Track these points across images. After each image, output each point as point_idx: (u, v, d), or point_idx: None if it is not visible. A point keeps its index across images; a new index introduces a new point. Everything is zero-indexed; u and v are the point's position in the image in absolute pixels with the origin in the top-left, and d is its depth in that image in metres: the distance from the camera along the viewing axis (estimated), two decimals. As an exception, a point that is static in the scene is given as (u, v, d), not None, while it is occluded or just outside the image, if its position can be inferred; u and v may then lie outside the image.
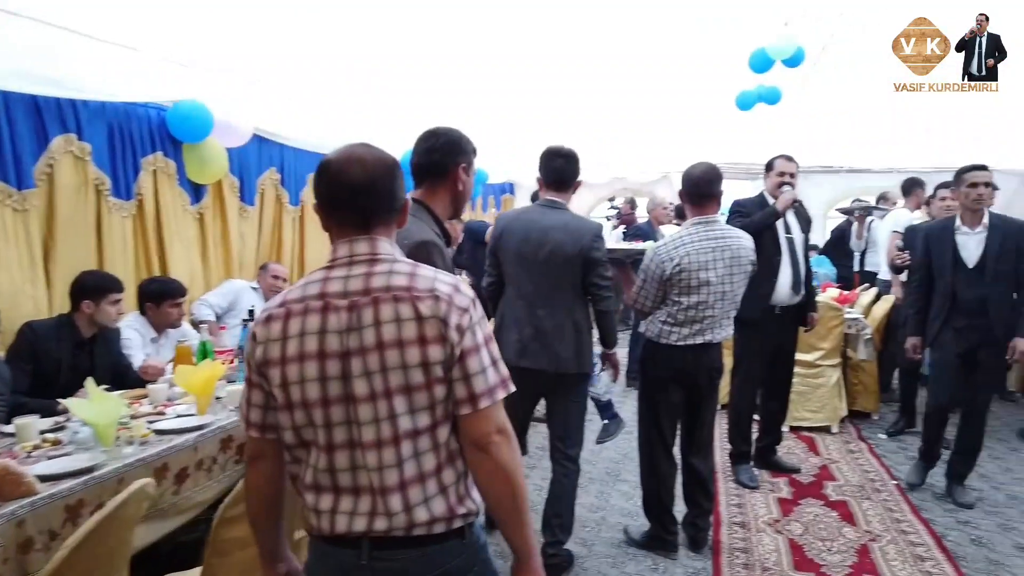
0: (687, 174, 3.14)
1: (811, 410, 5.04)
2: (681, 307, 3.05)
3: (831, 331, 4.98)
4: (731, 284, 3.09)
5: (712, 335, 3.12)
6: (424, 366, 1.29)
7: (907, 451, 4.66)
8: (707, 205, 3.10)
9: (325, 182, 1.39)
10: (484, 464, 1.34)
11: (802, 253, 4.15)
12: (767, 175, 4.20)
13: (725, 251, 3.07)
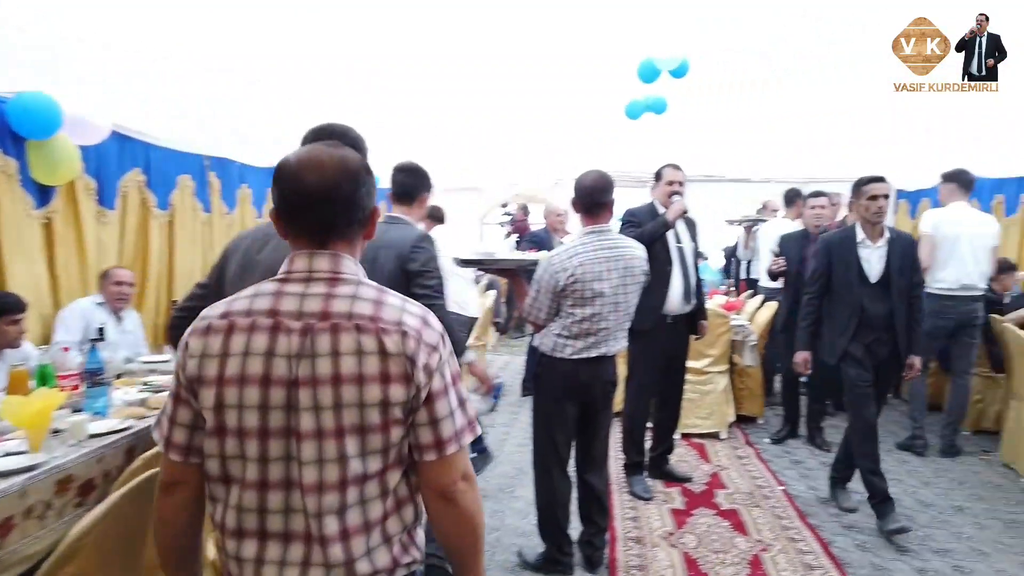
0: (578, 183, 3.05)
1: (701, 417, 5.10)
2: (575, 319, 2.95)
3: (719, 338, 5.06)
4: (625, 295, 3.02)
5: (607, 348, 3.04)
6: (383, 406, 1.18)
7: (791, 455, 4.79)
8: (599, 214, 3.02)
9: (280, 187, 1.25)
10: (449, 514, 1.27)
11: (692, 262, 4.17)
12: (656, 184, 4.20)
13: (619, 261, 2.99)
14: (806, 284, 4.00)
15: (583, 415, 3.11)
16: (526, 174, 11.74)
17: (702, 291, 4.36)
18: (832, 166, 10.05)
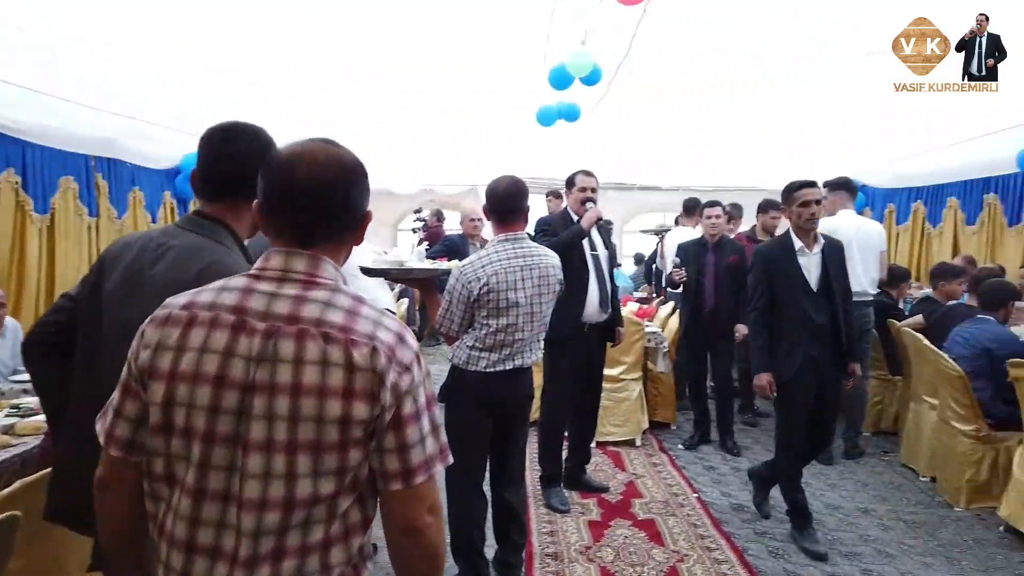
0: (491, 189, 2.93)
1: (616, 424, 5.08)
2: (490, 330, 2.83)
3: (633, 345, 5.05)
4: (540, 305, 2.92)
5: (523, 359, 2.92)
6: (343, 423, 1.08)
7: (704, 461, 4.83)
8: (513, 221, 2.91)
9: (268, 180, 1.19)
10: (413, 549, 1.17)
11: (607, 270, 4.13)
12: (569, 191, 4.14)
13: (533, 270, 2.89)
14: (749, 300, 3.66)
15: (498, 430, 2.99)
16: (441, 180, 11.57)
17: (617, 299, 4.33)
18: (743, 174, 10.37)
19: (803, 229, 3.49)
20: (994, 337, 4.05)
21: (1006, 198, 6.44)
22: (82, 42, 4.27)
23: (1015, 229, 6.28)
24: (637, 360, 5.12)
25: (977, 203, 6.82)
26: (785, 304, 3.49)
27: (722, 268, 4.99)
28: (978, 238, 6.81)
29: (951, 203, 7.21)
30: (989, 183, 6.66)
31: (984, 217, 6.72)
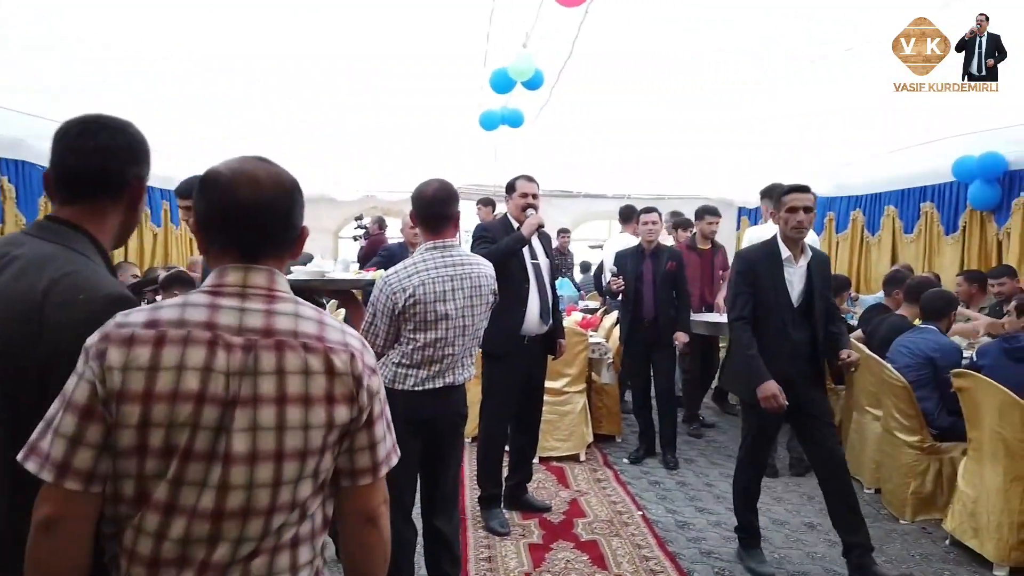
0: (418, 193, 2.72)
1: (559, 439, 4.90)
2: (417, 345, 2.61)
3: (576, 356, 4.89)
4: (472, 317, 2.71)
5: (454, 376, 2.71)
6: (327, 428, 1.15)
7: (649, 475, 4.68)
8: (443, 228, 2.70)
9: (209, 199, 1.20)
10: (370, 538, 1.26)
11: (548, 279, 3.95)
12: (509, 197, 3.95)
13: (465, 280, 2.68)
14: (731, 308, 3.34)
15: (428, 453, 2.77)
16: (382, 187, 11.28)
17: (559, 309, 4.16)
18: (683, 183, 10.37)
19: (790, 238, 3.23)
20: (937, 347, 4.01)
21: (942, 207, 6.52)
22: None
23: (951, 238, 6.36)
24: (581, 372, 4.96)
25: (914, 212, 6.91)
26: (763, 317, 3.23)
27: (660, 276, 4.87)
28: (915, 246, 6.89)
29: (889, 211, 7.30)
30: (926, 192, 6.75)
31: (921, 226, 6.80)
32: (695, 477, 4.65)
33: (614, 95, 7.23)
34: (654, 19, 5.32)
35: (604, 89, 7.18)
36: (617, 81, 6.84)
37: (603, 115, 8.10)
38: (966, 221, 6.18)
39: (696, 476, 4.67)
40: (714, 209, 5.92)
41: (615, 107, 7.69)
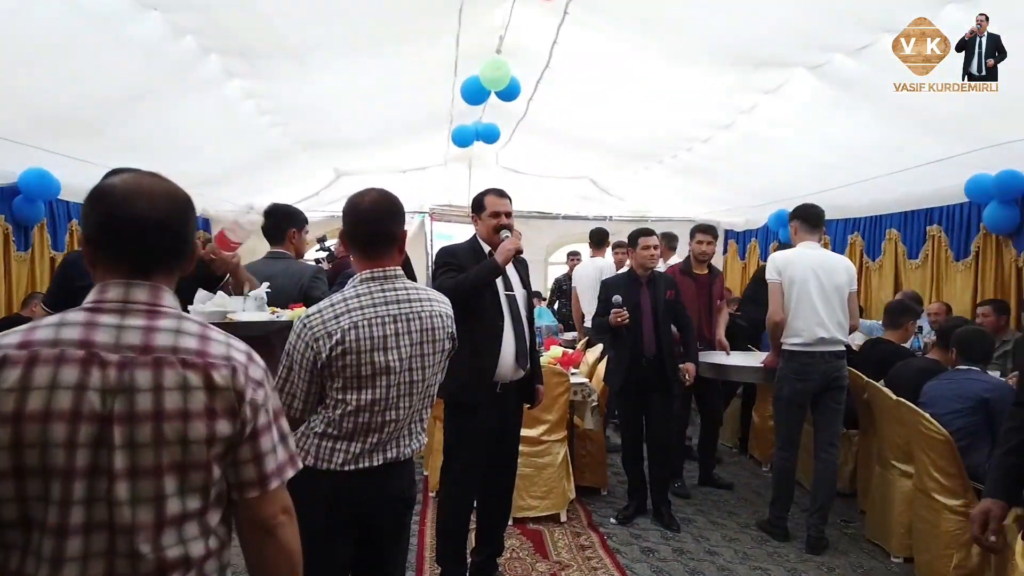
0: (351, 207, 2.06)
1: (537, 496, 4.23)
2: (348, 409, 1.95)
3: (556, 400, 4.24)
4: (423, 370, 2.07)
5: (398, 450, 2.06)
6: (208, 442, 1.17)
7: (641, 540, 4.03)
8: (382, 252, 2.05)
9: (100, 212, 1.21)
10: (268, 547, 1.28)
11: (526, 314, 3.32)
12: (478, 217, 3.32)
13: (413, 321, 2.04)
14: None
15: (366, 552, 2.10)
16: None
17: (536, 349, 3.53)
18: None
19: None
20: (991, 386, 3.46)
21: (951, 230, 6.01)
22: None
23: (962, 264, 5.83)
24: (562, 417, 4.31)
25: (920, 235, 6.39)
26: None
27: (661, 307, 4.25)
28: (922, 273, 6.37)
29: (891, 235, 6.78)
30: (932, 214, 6.24)
31: (928, 250, 6.29)
32: (694, 543, 4.01)
33: (594, 109, 6.68)
34: (636, 27, 4.78)
35: (584, 102, 6.64)
36: (598, 93, 6.29)
37: (583, 130, 7.56)
38: (979, 246, 5.65)
39: (696, 541, 4.03)
40: (707, 227, 5.27)
41: (595, 123, 7.15)
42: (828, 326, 3.89)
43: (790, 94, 4.92)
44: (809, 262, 3.99)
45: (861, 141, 5.47)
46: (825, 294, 3.92)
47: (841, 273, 4.02)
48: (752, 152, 6.40)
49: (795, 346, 3.94)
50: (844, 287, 3.99)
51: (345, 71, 5.26)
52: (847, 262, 4.22)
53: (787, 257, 4.07)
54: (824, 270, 3.98)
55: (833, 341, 3.90)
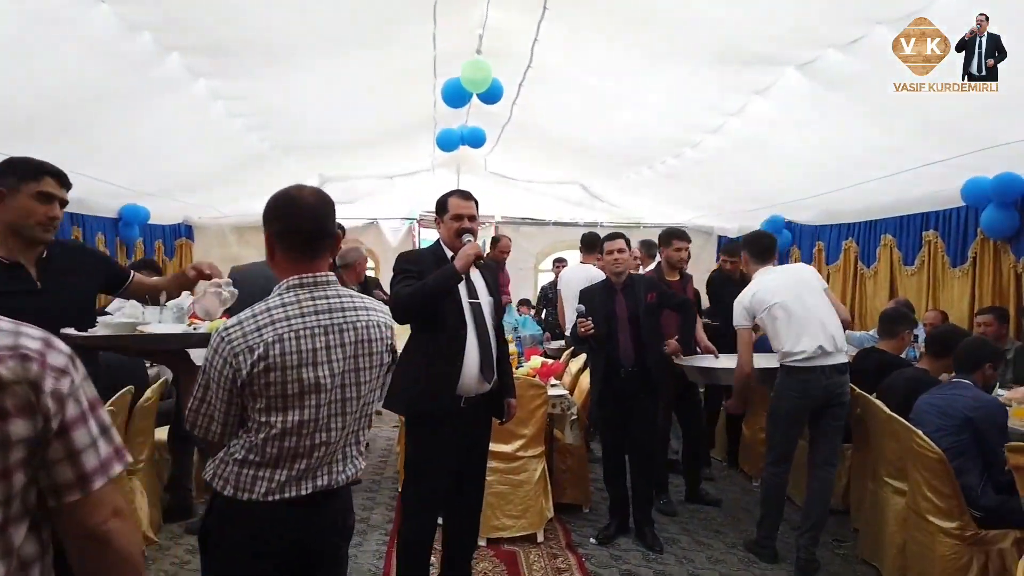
0: (287, 201, 1.84)
1: (512, 515, 4.02)
2: (272, 433, 1.75)
3: (533, 413, 4.04)
4: (358, 387, 1.86)
5: (330, 477, 1.86)
6: (3, 447, 1.01)
7: (621, 563, 3.82)
8: (314, 256, 1.86)
9: None
10: (104, 557, 1.12)
11: (492, 323, 3.12)
12: (441, 220, 3.13)
13: (347, 332, 1.84)
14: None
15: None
16: (340, 212, 10.42)
17: (508, 360, 3.32)
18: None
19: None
20: (976, 404, 3.23)
21: (948, 235, 5.82)
22: None
23: (959, 270, 5.64)
24: (539, 431, 4.11)
25: (916, 241, 6.21)
26: None
27: (640, 313, 4.04)
28: (918, 279, 6.18)
29: (886, 240, 6.59)
30: (929, 218, 6.05)
31: (924, 256, 6.10)
32: (677, 565, 3.80)
33: (580, 112, 6.51)
34: (619, 26, 4.60)
35: (569, 106, 6.47)
36: (583, 96, 6.12)
37: (571, 135, 7.38)
38: (976, 251, 5.47)
39: (679, 563, 3.82)
40: (682, 232, 5.03)
41: (583, 127, 6.97)
42: (820, 334, 3.66)
43: (780, 94, 4.74)
44: (777, 285, 3.81)
45: (854, 143, 5.30)
46: (810, 305, 3.73)
47: (810, 279, 3.89)
48: (743, 155, 6.21)
49: (795, 362, 3.71)
50: (819, 289, 3.84)
51: (318, 72, 5.08)
52: (805, 267, 4.21)
53: (753, 294, 3.85)
54: (794, 284, 3.81)
55: (835, 353, 3.68)
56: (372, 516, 4.41)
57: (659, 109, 5.76)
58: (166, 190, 7.09)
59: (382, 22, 4.59)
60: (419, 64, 5.44)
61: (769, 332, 3.84)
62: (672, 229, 5.12)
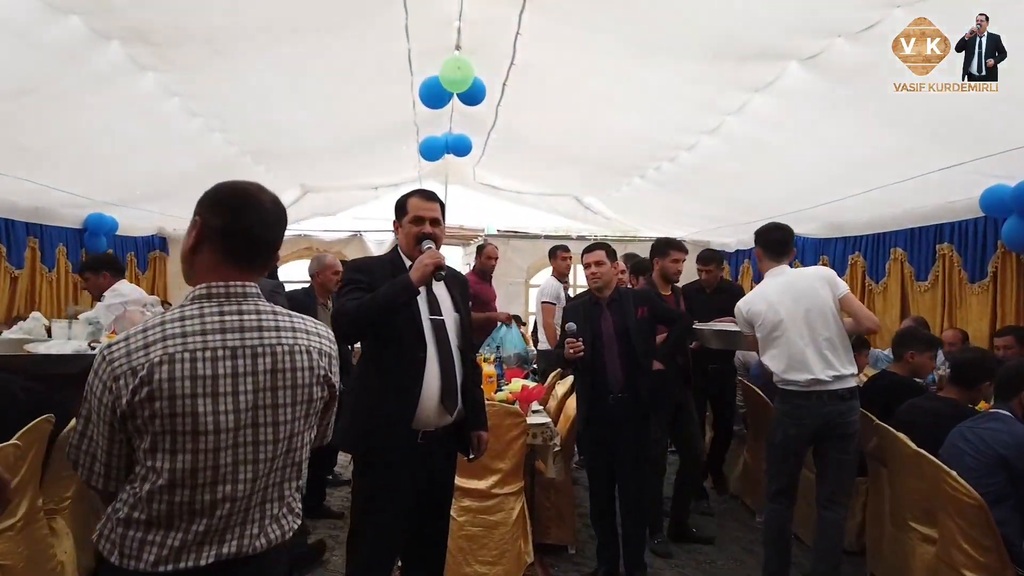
0: (242, 193, 1.51)
1: (487, 561, 3.55)
2: (159, 483, 1.34)
3: (511, 445, 3.59)
4: (275, 428, 1.44)
5: (240, 542, 1.43)
6: None
7: (609, 616, 3.36)
8: (253, 269, 1.51)
9: None
10: None
11: (458, 343, 2.67)
12: (399, 223, 2.70)
13: (261, 358, 1.42)
14: None
15: None
16: (317, 224, 10.04)
17: (479, 387, 2.86)
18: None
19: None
20: (1011, 441, 2.79)
21: (964, 248, 5.40)
22: None
23: (979, 286, 5.21)
24: (517, 465, 3.66)
25: (928, 254, 5.78)
26: None
27: (630, 331, 3.58)
28: (932, 296, 5.75)
29: (896, 254, 6.17)
30: (943, 230, 5.63)
31: (938, 271, 5.67)
32: (673, 619, 3.35)
33: (568, 115, 6.11)
34: (605, 18, 4.20)
35: (557, 108, 6.07)
36: (571, 97, 5.71)
37: (560, 141, 6.98)
38: (997, 266, 5.05)
39: (675, 616, 3.37)
40: (679, 243, 4.60)
41: (571, 131, 6.57)
42: (814, 365, 3.24)
43: (781, 91, 4.34)
44: (773, 296, 3.39)
45: (862, 146, 4.88)
46: (806, 325, 3.29)
47: (816, 289, 3.34)
48: (741, 160, 5.80)
49: (787, 386, 3.32)
50: (827, 302, 3.31)
51: (281, 66, 4.67)
52: (820, 270, 3.63)
53: (749, 303, 3.48)
54: (792, 296, 3.35)
55: (830, 380, 3.23)
56: (333, 558, 3.95)
57: (650, 108, 5.36)
58: (129, 199, 6.66)
59: (348, 11, 4.18)
60: (393, 60, 5.03)
61: (761, 347, 3.43)
62: (668, 239, 4.69)
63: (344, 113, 6.04)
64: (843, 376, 3.25)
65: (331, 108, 5.83)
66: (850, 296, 3.39)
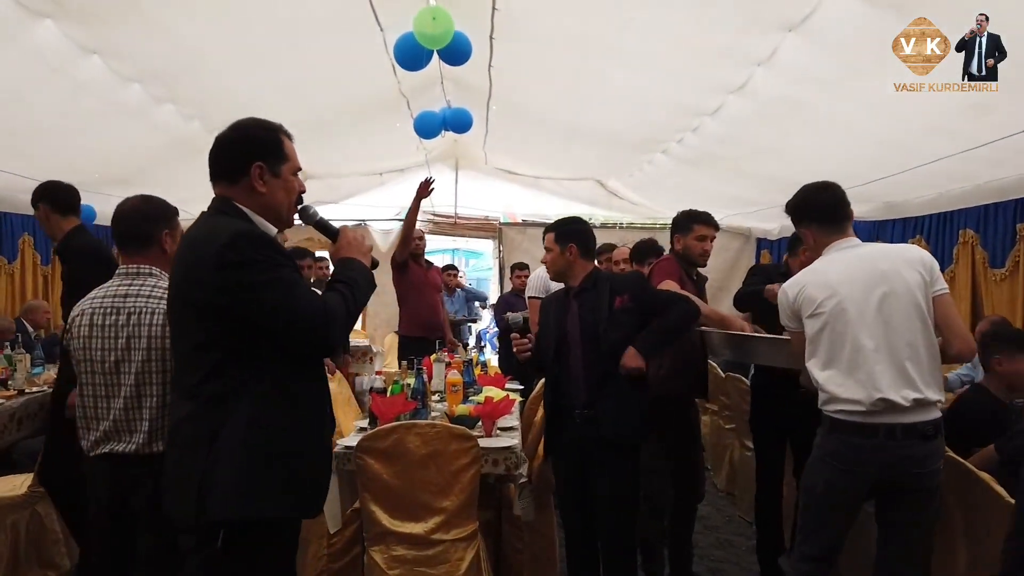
0: None
1: (427, 627, 2.76)
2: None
3: (457, 477, 2.76)
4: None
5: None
6: None
7: None
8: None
9: None
10: None
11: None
12: (265, 172, 1.91)
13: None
14: None
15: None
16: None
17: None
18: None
19: None
20: None
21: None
22: None
23: (1070, 272, 4.22)
24: (466, 503, 2.82)
25: (1007, 236, 4.77)
26: None
27: (599, 327, 2.73)
28: (1010, 285, 4.74)
29: (966, 237, 5.17)
30: (1022, 207, 4.63)
31: (1018, 255, 4.67)
32: None
33: (572, 77, 5.25)
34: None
35: (557, 69, 5.22)
36: (570, 51, 4.85)
37: (566, 112, 6.14)
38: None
39: None
40: (707, 216, 3.59)
41: (577, 99, 5.71)
42: (884, 380, 2.25)
43: (823, 28, 3.41)
44: (834, 275, 2.40)
45: (928, 103, 3.90)
46: (880, 321, 2.30)
47: (902, 274, 2.33)
48: (774, 126, 4.86)
49: (839, 414, 2.34)
50: (916, 293, 2.31)
51: (214, 20, 3.94)
52: (914, 251, 2.50)
53: (801, 284, 2.47)
54: (865, 279, 2.34)
55: (908, 406, 2.25)
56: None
57: (667, 63, 4.45)
58: (89, 184, 6.04)
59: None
60: (356, 8, 4.23)
61: (808, 352, 2.47)
62: (692, 211, 3.65)
63: (312, 82, 5.29)
64: (927, 403, 2.26)
65: (295, 76, 5.09)
66: (949, 300, 2.39)
